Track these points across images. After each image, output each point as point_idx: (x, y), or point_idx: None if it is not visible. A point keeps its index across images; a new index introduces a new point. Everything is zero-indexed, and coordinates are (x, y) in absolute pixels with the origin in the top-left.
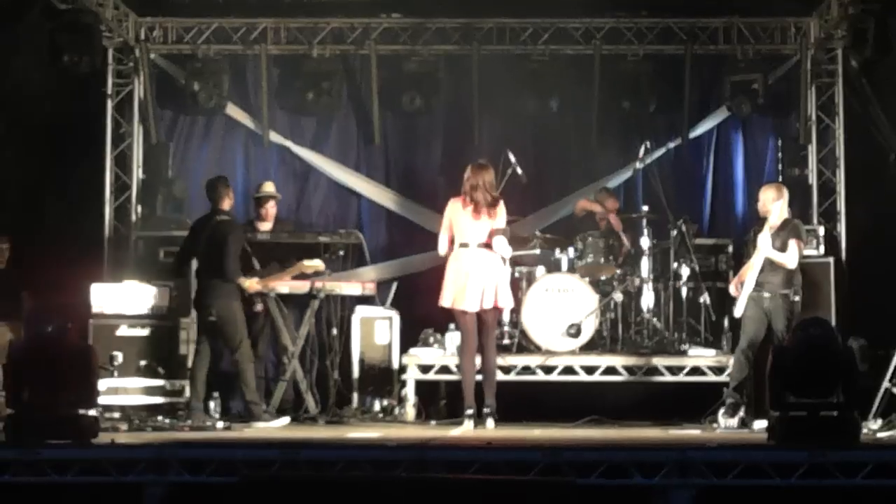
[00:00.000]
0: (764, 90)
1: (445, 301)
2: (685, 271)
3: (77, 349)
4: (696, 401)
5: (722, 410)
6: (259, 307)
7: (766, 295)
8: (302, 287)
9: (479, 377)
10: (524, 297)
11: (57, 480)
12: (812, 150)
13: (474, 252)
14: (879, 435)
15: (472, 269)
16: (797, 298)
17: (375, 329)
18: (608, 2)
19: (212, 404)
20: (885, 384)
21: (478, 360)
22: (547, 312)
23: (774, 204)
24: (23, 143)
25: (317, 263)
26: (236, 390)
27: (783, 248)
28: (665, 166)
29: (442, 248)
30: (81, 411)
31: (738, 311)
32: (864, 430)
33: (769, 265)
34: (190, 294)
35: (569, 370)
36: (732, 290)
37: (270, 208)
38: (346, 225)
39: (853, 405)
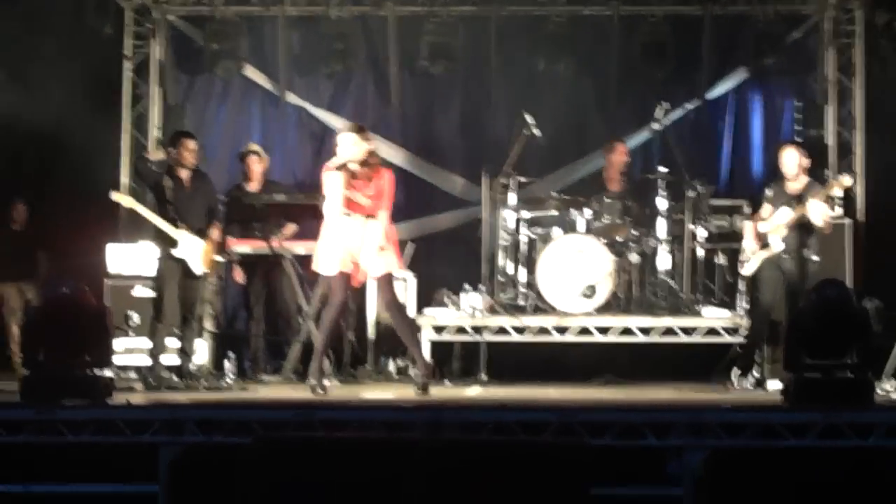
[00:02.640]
0: (782, 51)
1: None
2: (701, 232)
3: (92, 310)
4: (711, 362)
5: (736, 371)
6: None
7: (785, 256)
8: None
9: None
10: (539, 257)
11: (72, 440)
12: (831, 111)
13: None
14: (894, 396)
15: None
16: (815, 259)
17: None
18: None
19: (226, 364)
20: None
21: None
22: (562, 273)
23: (798, 165)
24: (39, 105)
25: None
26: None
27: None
28: (682, 127)
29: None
30: (97, 372)
31: (748, 270)
32: (878, 391)
33: (791, 227)
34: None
35: (584, 331)
36: (750, 244)
37: (252, 164)
38: None
39: (868, 366)
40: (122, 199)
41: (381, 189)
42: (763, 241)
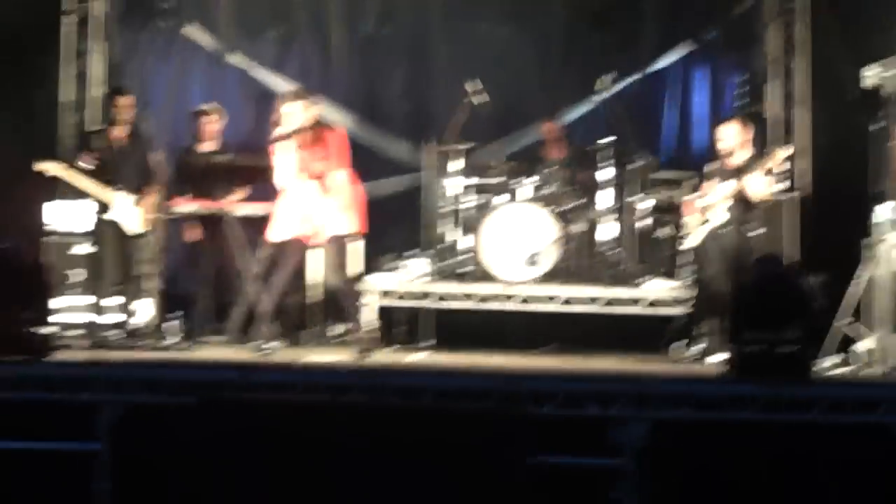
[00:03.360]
0: (727, 25)
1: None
2: (645, 203)
3: (29, 266)
4: (654, 333)
5: (680, 343)
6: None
7: (727, 230)
8: (261, 209)
9: None
10: (482, 225)
11: (10, 398)
12: (774, 86)
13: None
14: (835, 371)
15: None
16: (757, 232)
17: None
18: None
19: (176, 324)
20: (836, 322)
21: None
22: (507, 241)
23: (739, 139)
24: None
25: None
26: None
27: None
28: (627, 99)
29: None
30: (34, 329)
31: (690, 243)
32: (823, 366)
33: (733, 201)
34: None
35: (529, 300)
36: (691, 218)
37: (205, 125)
38: None
39: (809, 341)
40: (48, 167)
41: (334, 149)
42: (704, 215)
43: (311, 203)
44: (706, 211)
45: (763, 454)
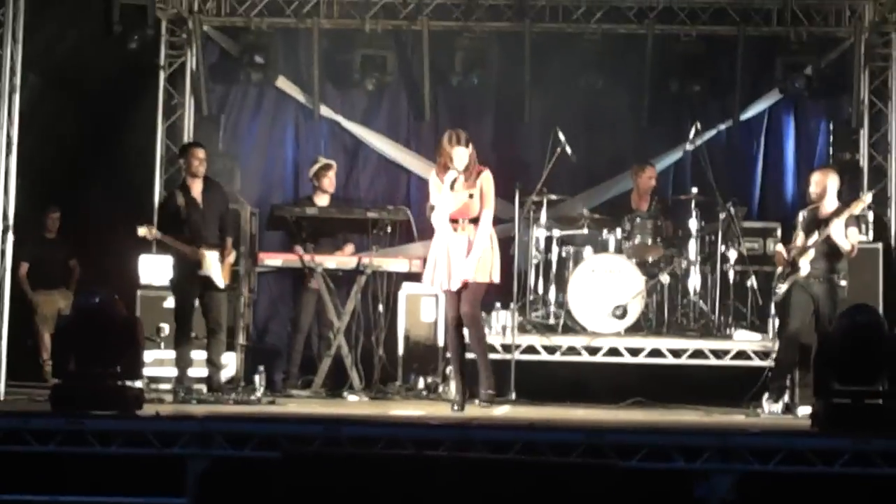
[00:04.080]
0: (816, 73)
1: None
2: (733, 254)
3: (123, 320)
4: (741, 385)
5: (766, 396)
6: (313, 283)
7: (814, 280)
8: (349, 263)
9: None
10: (570, 277)
11: (100, 451)
12: (864, 133)
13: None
14: None
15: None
16: (844, 283)
17: (421, 306)
18: None
19: (256, 378)
20: None
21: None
22: (593, 293)
23: (832, 189)
24: (75, 115)
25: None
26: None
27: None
28: (715, 148)
29: None
30: (127, 383)
31: (778, 294)
32: None
33: (820, 250)
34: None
35: (614, 352)
36: (782, 268)
37: (324, 179)
38: (394, 201)
39: None
40: (149, 232)
41: (487, 190)
42: (793, 266)
43: (462, 247)
44: (795, 261)
45: None
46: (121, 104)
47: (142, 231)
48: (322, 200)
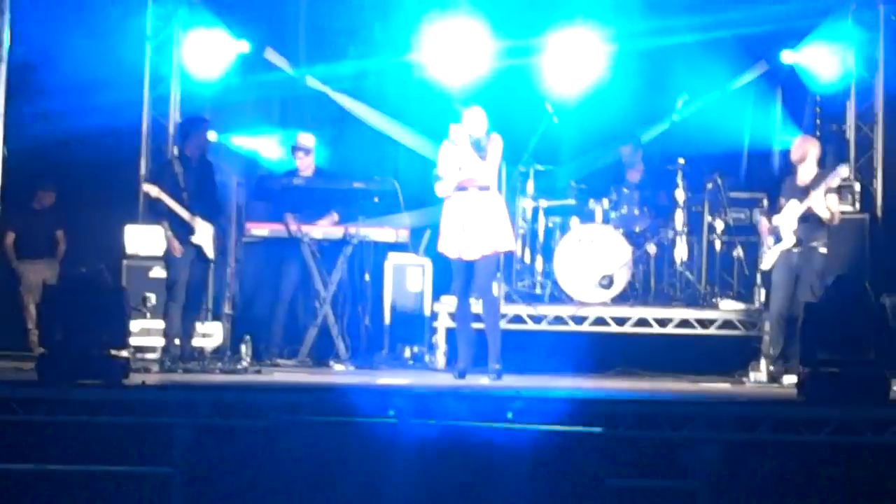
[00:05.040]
0: (804, 45)
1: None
2: (719, 224)
3: (109, 290)
4: (727, 354)
5: (751, 364)
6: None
7: (796, 250)
8: (335, 233)
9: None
10: (557, 246)
11: (87, 420)
12: (851, 105)
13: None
14: None
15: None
16: (824, 251)
17: (408, 276)
18: None
19: (242, 347)
20: None
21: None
22: (579, 263)
23: (812, 156)
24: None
25: None
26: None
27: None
28: (702, 119)
29: None
30: (113, 352)
31: (766, 264)
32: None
33: (800, 219)
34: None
35: (600, 321)
36: (766, 238)
37: (299, 160)
38: (381, 171)
39: (884, 363)
40: (151, 189)
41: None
42: (777, 235)
43: (474, 215)
44: (778, 230)
45: (836, 476)
46: (105, 77)
47: (147, 187)
48: (303, 174)
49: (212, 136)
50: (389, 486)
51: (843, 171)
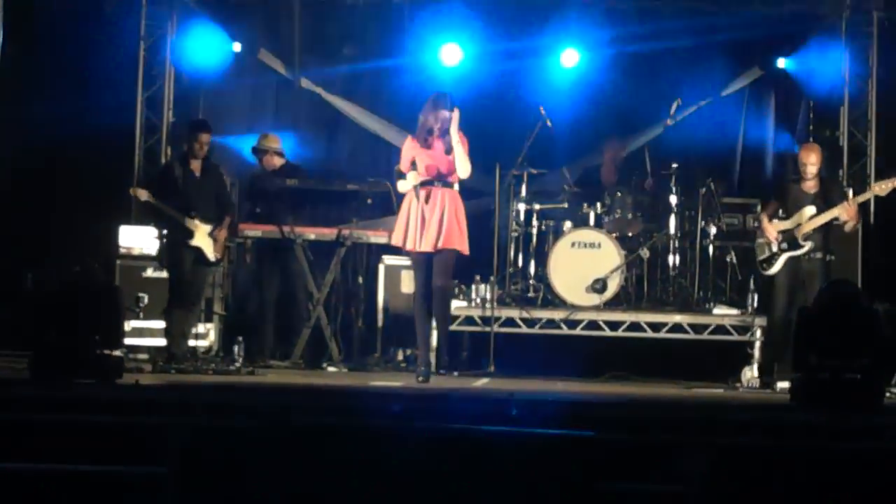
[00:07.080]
0: (797, 51)
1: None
2: (712, 230)
3: (103, 289)
4: (720, 360)
5: (746, 369)
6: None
7: (814, 256)
8: (329, 234)
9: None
10: (550, 250)
11: (80, 420)
12: (844, 111)
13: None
14: None
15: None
16: (831, 258)
17: (401, 278)
18: None
19: (235, 348)
20: None
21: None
22: (572, 267)
23: (819, 165)
24: (52, 86)
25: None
26: (260, 334)
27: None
28: (696, 124)
29: None
30: (106, 351)
31: (774, 269)
32: (888, 395)
33: (817, 228)
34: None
35: (593, 325)
36: (774, 243)
37: (266, 160)
38: (375, 173)
39: (877, 369)
40: (140, 193)
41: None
42: (789, 242)
43: (435, 210)
44: (793, 238)
45: (828, 483)
46: (99, 77)
47: (136, 193)
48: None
49: (204, 139)
50: (381, 488)
51: (889, 185)
